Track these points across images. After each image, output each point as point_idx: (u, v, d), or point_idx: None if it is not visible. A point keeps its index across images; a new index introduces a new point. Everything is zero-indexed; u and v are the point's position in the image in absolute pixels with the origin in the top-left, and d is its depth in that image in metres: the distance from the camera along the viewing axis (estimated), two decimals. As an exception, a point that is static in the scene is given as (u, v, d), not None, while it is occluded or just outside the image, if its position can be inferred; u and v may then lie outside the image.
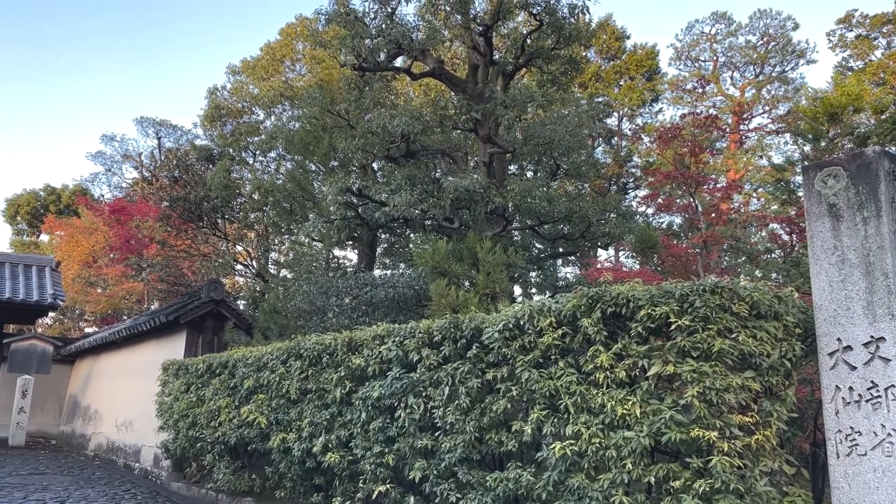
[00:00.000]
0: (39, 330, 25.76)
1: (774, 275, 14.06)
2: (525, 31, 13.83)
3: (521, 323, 5.18)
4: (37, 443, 17.73)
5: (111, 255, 28.64)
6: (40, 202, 40.93)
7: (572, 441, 4.58)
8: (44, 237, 39.67)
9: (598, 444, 4.45)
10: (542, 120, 14.82)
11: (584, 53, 15.71)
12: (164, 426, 10.93)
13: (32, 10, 59.55)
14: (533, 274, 17.22)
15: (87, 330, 28.99)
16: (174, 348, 12.64)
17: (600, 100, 27.06)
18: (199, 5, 62.36)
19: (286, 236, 23.85)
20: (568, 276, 20.16)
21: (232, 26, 61.96)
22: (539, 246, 17.75)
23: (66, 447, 17.44)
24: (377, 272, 17.65)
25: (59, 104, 65.17)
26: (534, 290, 18.59)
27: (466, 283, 10.62)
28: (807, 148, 19.71)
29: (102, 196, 37.86)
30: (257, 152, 23.47)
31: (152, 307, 25.16)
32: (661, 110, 30.12)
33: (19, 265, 19.81)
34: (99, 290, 29.05)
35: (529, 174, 17.96)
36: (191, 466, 10.90)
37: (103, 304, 28.21)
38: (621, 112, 29.08)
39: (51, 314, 27.40)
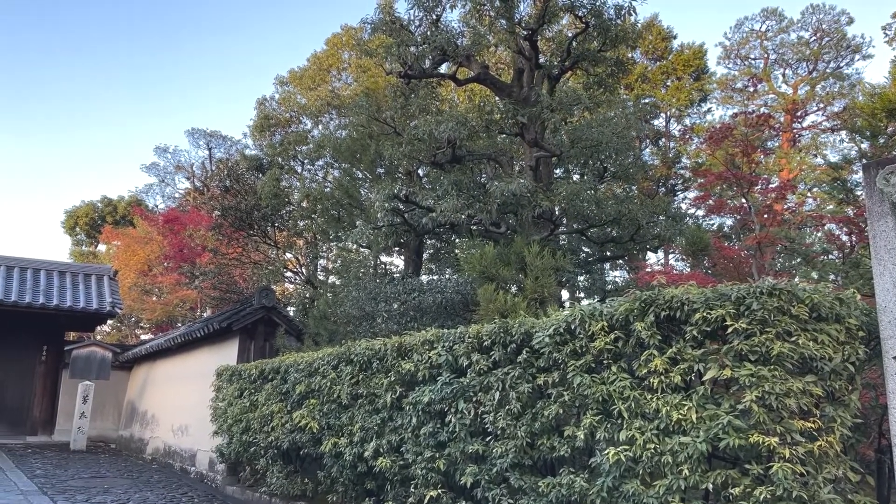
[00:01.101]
0: (98, 337, 26.61)
1: (832, 276, 13.64)
2: (570, 34, 13.77)
3: (573, 327, 5.14)
4: (97, 447, 18.29)
5: (165, 264, 29.42)
6: (98, 213, 42.32)
7: (626, 446, 4.52)
8: (101, 247, 41.00)
9: (653, 450, 4.38)
10: (589, 122, 14.71)
11: (630, 55, 15.50)
12: (218, 431, 11.14)
13: (86, 26, 61.74)
14: (581, 278, 17.07)
15: (144, 337, 29.84)
16: (227, 354, 12.90)
17: (647, 101, 26.72)
18: (247, 18, 63.76)
19: (334, 243, 24.16)
20: (616, 279, 19.92)
21: (280, 38, 63.19)
22: (587, 250, 17.59)
23: (125, 451, 17.94)
24: (424, 277, 17.74)
25: (114, 117, 67.35)
26: (582, 295, 18.42)
27: (514, 288, 10.59)
28: (864, 145, 19.09)
29: (157, 206, 38.98)
30: (305, 161, 23.86)
31: (205, 314, 25.77)
32: (709, 110, 29.59)
33: (79, 274, 20.53)
34: (154, 298, 29.89)
35: (576, 177, 17.83)
36: (245, 470, 11.09)
37: (158, 312, 28.99)
38: (668, 113, 28.66)
39: (109, 322, 28.32)
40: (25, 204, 69.65)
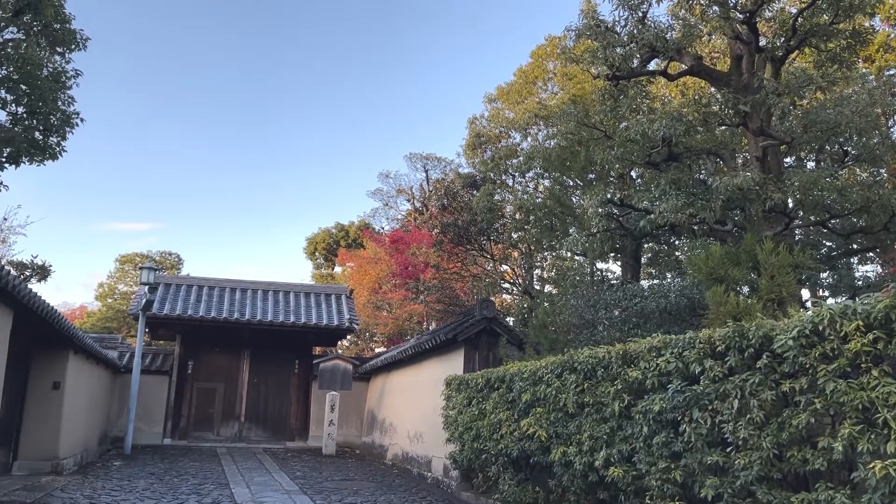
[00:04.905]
0: (339, 351, 29.10)
1: None
2: (794, 11, 12.62)
3: (820, 328, 4.66)
4: (344, 452, 19.94)
5: (393, 281, 31.44)
6: (332, 238, 46.43)
7: (896, 460, 3.99)
8: (337, 269, 44.85)
9: (931, 465, 3.83)
10: (823, 103, 13.31)
11: (867, 23, 13.73)
12: (450, 438, 11.61)
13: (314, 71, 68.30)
14: (824, 275, 15.43)
15: (378, 350, 32.08)
16: (454, 364, 13.45)
17: (893, 72, 23.61)
18: (458, 42, 66.59)
19: (548, 252, 24.26)
20: (868, 274, 17.74)
21: (488, 58, 65.19)
22: (829, 243, 15.92)
23: (368, 456, 19.36)
24: (644, 282, 17.16)
25: (342, 150, 73.74)
26: (826, 293, 16.64)
27: (746, 289, 9.86)
28: None
29: (382, 228, 41.85)
30: (516, 174, 24.28)
31: (431, 327, 27.12)
32: (976, 72, 25.37)
33: (321, 294, 22.67)
34: (385, 313, 32.04)
35: (811, 165, 16.24)
36: (477, 477, 11.44)
37: (390, 326, 31.03)
38: (922, 82, 25.05)
39: (347, 336, 30.86)
40: (277, 233, 78.75)
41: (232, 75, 71.89)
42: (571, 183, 20.75)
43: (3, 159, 14.19)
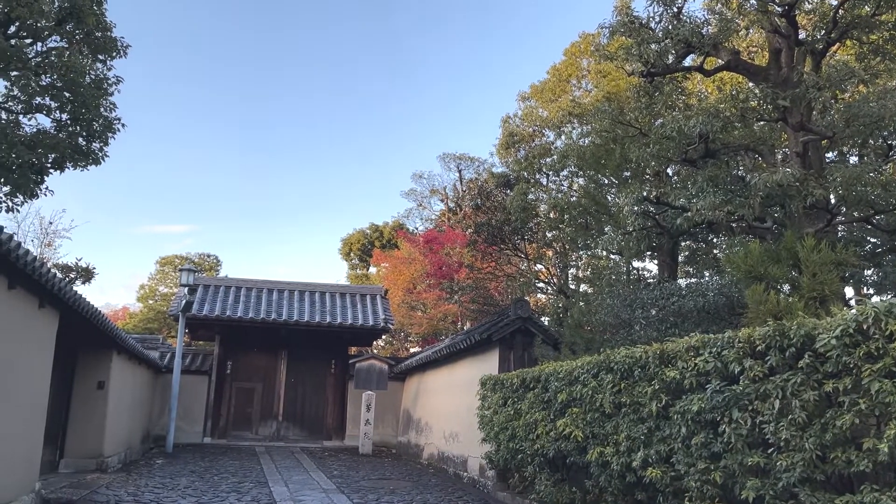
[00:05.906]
0: (374, 351, 29.29)
1: None
2: (835, 2, 12.35)
3: (865, 327, 4.56)
4: (380, 451, 20.06)
5: (427, 281, 31.51)
6: (367, 239, 46.70)
7: (946, 463, 3.89)
8: (372, 269, 45.10)
9: (982, 468, 3.72)
10: (866, 96, 13.00)
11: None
12: (486, 438, 11.61)
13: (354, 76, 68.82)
14: (868, 272, 15.07)
15: (413, 350, 32.19)
16: (488, 364, 13.44)
17: (939, 63, 22.90)
18: (489, 42, 66.53)
19: (583, 251, 24.07)
20: (915, 271, 17.24)
21: (520, 56, 65.01)
22: (873, 240, 15.54)
23: (404, 456, 19.45)
24: (682, 281, 16.94)
25: (376, 152, 74.19)
26: (871, 291, 16.24)
27: (786, 288, 9.68)
28: None
29: (416, 229, 41.96)
30: (550, 173, 24.12)
31: (465, 327, 27.12)
32: None
33: (356, 295, 22.84)
34: (419, 313, 32.14)
35: (853, 160, 15.86)
36: (513, 477, 11.42)
37: (424, 326, 31.11)
38: (970, 73, 24.25)
39: (382, 336, 31.04)
40: (312, 235, 79.60)
41: (264, 77, 72.89)
42: (606, 181, 20.55)
43: (49, 165, 14.58)
